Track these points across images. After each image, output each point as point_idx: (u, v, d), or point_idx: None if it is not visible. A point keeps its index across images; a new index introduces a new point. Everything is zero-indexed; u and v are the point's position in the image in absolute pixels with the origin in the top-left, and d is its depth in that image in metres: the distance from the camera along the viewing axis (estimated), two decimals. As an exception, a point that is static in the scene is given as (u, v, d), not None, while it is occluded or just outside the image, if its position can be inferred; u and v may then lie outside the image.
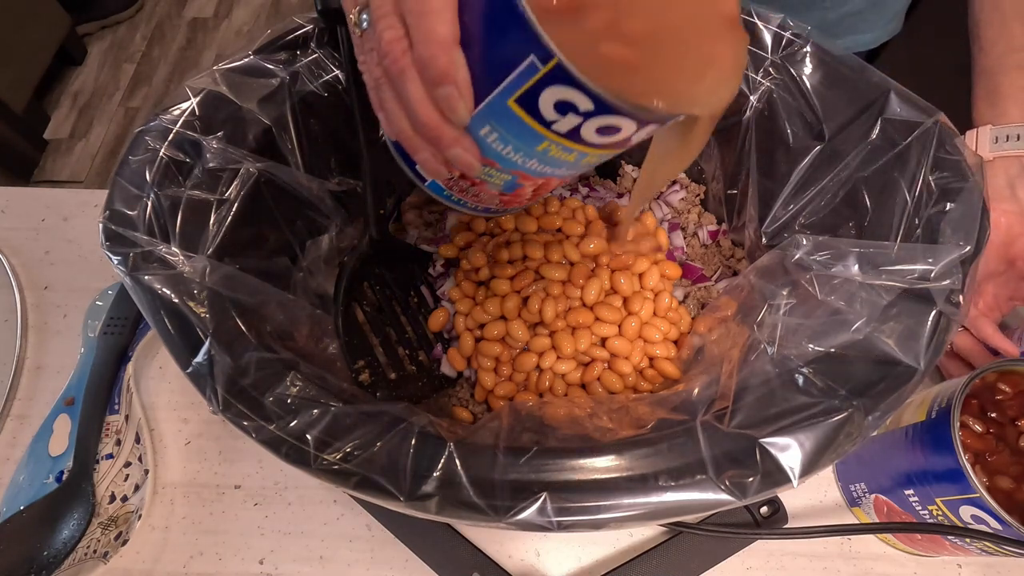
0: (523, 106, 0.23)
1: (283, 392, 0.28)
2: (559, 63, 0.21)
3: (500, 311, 0.40)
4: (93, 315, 0.49)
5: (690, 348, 0.39)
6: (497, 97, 0.23)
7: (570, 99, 0.22)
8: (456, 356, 0.41)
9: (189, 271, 0.30)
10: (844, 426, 0.26)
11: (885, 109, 0.34)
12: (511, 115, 0.24)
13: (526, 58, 0.22)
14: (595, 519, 0.25)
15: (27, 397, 0.48)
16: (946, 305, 0.28)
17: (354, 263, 0.40)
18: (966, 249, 0.29)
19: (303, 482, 0.45)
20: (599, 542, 0.43)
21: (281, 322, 0.33)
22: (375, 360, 0.40)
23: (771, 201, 0.39)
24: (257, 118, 0.36)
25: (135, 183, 0.32)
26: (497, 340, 0.40)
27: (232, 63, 0.36)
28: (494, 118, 0.24)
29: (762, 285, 0.34)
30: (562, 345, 0.38)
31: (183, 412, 0.47)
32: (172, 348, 0.29)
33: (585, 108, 0.22)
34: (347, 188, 0.42)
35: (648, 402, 0.31)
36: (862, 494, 0.41)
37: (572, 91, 0.22)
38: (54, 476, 0.43)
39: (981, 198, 0.31)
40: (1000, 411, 0.35)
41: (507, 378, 0.39)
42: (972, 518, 0.33)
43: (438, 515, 0.25)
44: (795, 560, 0.42)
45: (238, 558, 0.43)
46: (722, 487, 0.25)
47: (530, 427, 0.29)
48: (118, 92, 1.59)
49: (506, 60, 0.22)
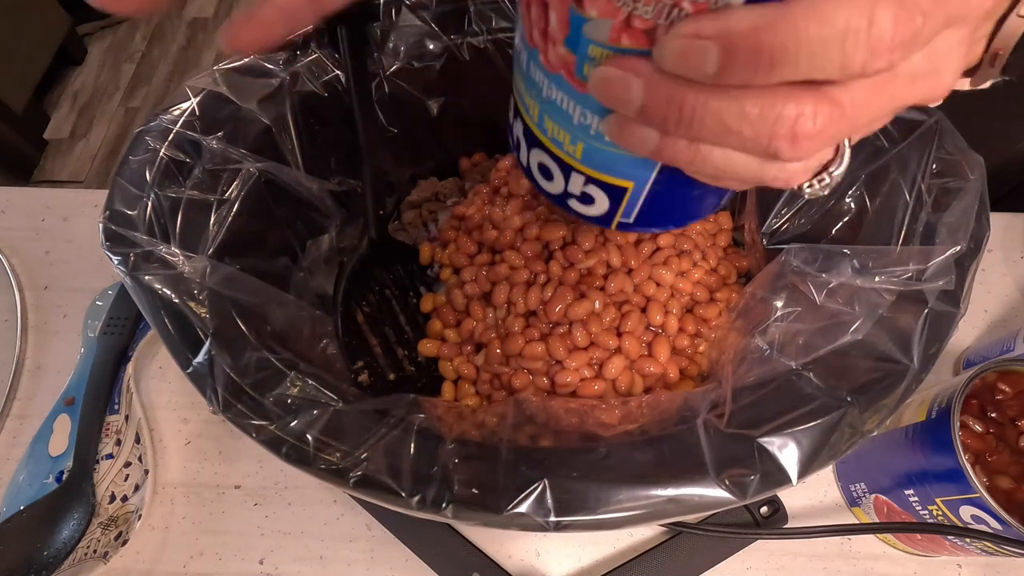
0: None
1: (283, 392, 0.28)
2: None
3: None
4: (93, 315, 0.49)
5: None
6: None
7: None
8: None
9: (189, 271, 0.30)
10: (842, 425, 0.26)
11: (885, 109, 0.34)
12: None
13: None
14: (595, 519, 0.25)
15: (27, 397, 0.48)
16: (938, 304, 0.28)
17: (353, 264, 0.40)
18: (957, 248, 0.29)
19: (303, 482, 0.45)
20: (599, 542, 0.43)
21: (281, 322, 0.33)
22: (374, 361, 0.40)
23: (771, 201, 0.39)
24: (257, 118, 0.36)
25: (135, 183, 0.32)
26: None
27: (232, 63, 0.36)
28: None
29: (762, 294, 0.34)
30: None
31: (183, 412, 0.47)
32: (172, 348, 0.29)
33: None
34: (347, 188, 0.42)
35: (649, 402, 0.31)
36: (862, 494, 0.41)
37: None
38: (54, 476, 0.43)
39: (979, 198, 0.31)
40: (1000, 411, 0.35)
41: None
42: (972, 518, 0.33)
43: (439, 514, 0.25)
44: (795, 560, 0.42)
45: (238, 558, 0.43)
46: (722, 487, 0.25)
47: (531, 423, 0.29)
48: (118, 92, 1.59)
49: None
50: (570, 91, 0.21)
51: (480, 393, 0.40)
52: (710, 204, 0.25)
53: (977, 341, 0.48)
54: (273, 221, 0.38)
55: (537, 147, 0.24)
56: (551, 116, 0.23)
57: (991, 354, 0.44)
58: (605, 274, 0.39)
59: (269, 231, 0.38)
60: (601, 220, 0.25)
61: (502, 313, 0.40)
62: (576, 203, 0.25)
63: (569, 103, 0.21)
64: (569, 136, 0.22)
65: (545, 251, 0.40)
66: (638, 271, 0.39)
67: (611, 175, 0.23)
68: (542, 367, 0.38)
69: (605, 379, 0.37)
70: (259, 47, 0.25)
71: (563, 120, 0.22)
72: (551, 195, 0.26)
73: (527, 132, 0.25)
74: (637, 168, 0.22)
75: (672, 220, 0.25)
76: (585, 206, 0.25)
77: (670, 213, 0.25)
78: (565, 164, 0.24)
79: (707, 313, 0.40)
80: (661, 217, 0.25)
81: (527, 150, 0.25)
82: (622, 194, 0.23)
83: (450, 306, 0.42)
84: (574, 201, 0.25)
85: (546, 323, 0.39)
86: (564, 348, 0.37)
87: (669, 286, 0.40)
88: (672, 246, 0.41)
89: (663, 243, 0.41)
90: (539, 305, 0.39)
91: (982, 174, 0.32)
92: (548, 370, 0.38)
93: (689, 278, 0.40)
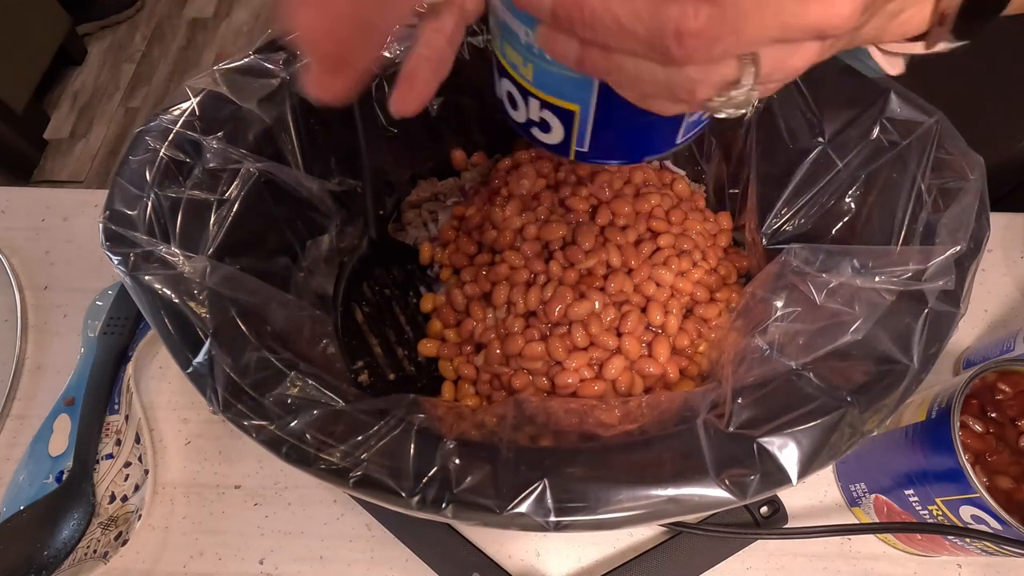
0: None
1: (283, 392, 0.28)
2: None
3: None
4: (93, 315, 0.49)
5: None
6: None
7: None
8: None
9: (189, 271, 0.30)
10: (842, 425, 0.26)
11: (885, 109, 0.34)
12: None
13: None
14: (595, 519, 0.25)
15: (27, 397, 0.48)
16: (938, 304, 0.28)
17: (353, 264, 0.40)
18: (957, 248, 0.29)
19: (303, 482, 0.45)
20: (599, 542, 0.43)
21: (281, 322, 0.33)
22: (374, 361, 0.40)
23: (771, 201, 0.39)
24: (257, 118, 0.36)
25: (135, 183, 0.32)
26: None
27: (232, 63, 0.36)
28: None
29: (762, 294, 0.34)
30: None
31: (183, 412, 0.47)
32: (172, 348, 0.29)
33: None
34: (347, 188, 0.42)
35: (649, 402, 0.31)
36: (862, 494, 0.41)
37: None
38: (54, 476, 0.43)
39: (979, 198, 0.31)
40: (1000, 411, 0.35)
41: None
42: (972, 518, 0.33)
43: (439, 514, 0.25)
44: (795, 560, 0.42)
45: (238, 558, 0.43)
46: (722, 487, 0.25)
47: (531, 423, 0.29)
48: (118, 92, 1.59)
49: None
50: (514, 9, 0.23)
51: (480, 393, 0.40)
52: (660, 139, 0.27)
53: (977, 341, 0.48)
54: (273, 221, 0.38)
55: (503, 76, 0.27)
56: (507, 40, 0.25)
57: (991, 354, 0.44)
58: (605, 274, 0.39)
59: (269, 231, 0.38)
60: (560, 148, 0.28)
61: (502, 313, 0.40)
62: (538, 131, 0.27)
63: (515, 23, 0.24)
64: (521, 58, 0.25)
65: (545, 251, 0.40)
66: (638, 271, 0.39)
67: (559, 98, 0.25)
68: (542, 367, 0.38)
69: (605, 379, 0.37)
70: (423, 104, 0.26)
71: (515, 42, 0.24)
72: (519, 124, 0.28)
73: (497, 64, 0.27)
74: (578, 90, 0.24)
75: (625, 152, 0.27)
76: (544, 134, 0.27)
77: (622, 143, 0.27)
78: (523, 88, 0.26)
79: (707, 313, 0.40)
80: (614, 147, 0.27)
81: (499, 80, 0.28)
82: (571, 118, 0.26)
83: (450, 306, 0.42)
84: (536, 129, 0.27)
85: (546, 323, 0.39)
86: (564, 348, 0.37)
87: (669, 286, 0.40)
88: (672, 246, 0.41)
89: (663, 243, 0.41)
90: (539, 305, 0.39)
91: (982, 174, 0.32)
92: (548, 371, 0.38)
93: (689, 278, 0.40)
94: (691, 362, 0.39)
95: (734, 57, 0.19)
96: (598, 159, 0.28)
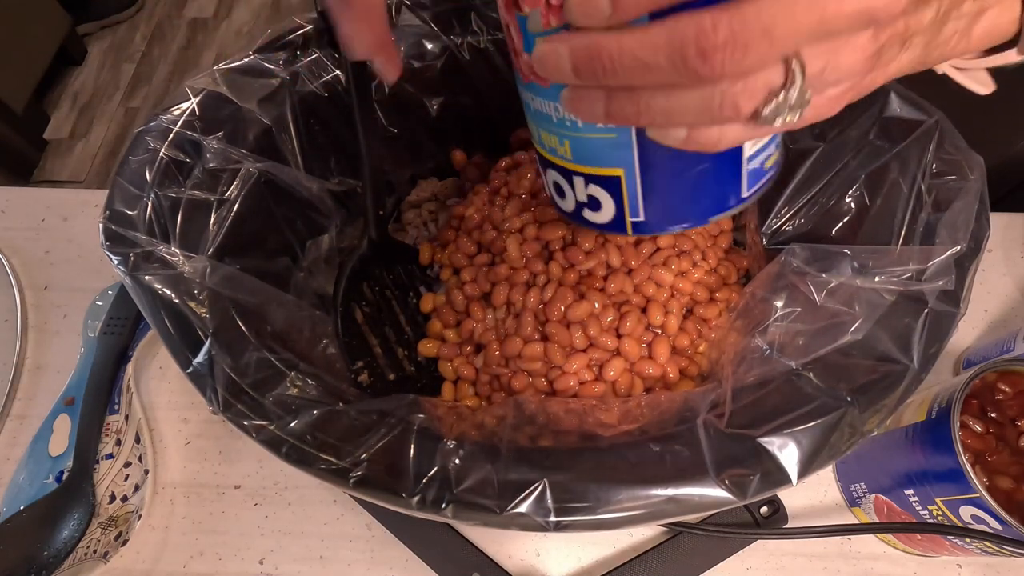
0: None
1: (283, 392, 0.28)
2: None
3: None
4: (93, 315, 0.49)
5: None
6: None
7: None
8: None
9: (189, 271, 0.30)
10: (842, 425, 0.26)
11: (885, 109, 0.34)
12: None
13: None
14: (595, 519, 0.25)
15: (27, 397, 0.48)
16: (938, 304, 0.28)
17: (353, 264, 0.40)
18: (957, 248, 0.29)
19: (303, 482, 0.45)
20: (599, 542, 0.43)
21: (281, 322, 0.33)
22: (374, 361, 0.40)
23: (771, 201, 0.39)
24: (257, 118, 0.36)
25: (135, 183, 0.32)
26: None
27: (232, 63, 0.36)
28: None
29: (762, 294, 0.34)
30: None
31: (183, 412, 0.47)
32: (172, 348, 0.29)
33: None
34: (347, 188, 0.42)
35: (649, 402, 0.31)
36: (862, 494, 0.41)
37: None
38: (54, 476, 0.43)
39: (979, 198, 0.31)
40: (1000, 411, 0.35)
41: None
42: (972, 518, 0.33)
43: (439, 514, 0.25)
44: (795, 560, 0.42)
45: (238, 558, 0.43)
46: (722, 487, 0.25)
47: (531, 424, 0.29)
48: (118, 92, 1.59)
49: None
50: (540, 91, 0.23)
51: (480, 394, 0.40)
52: (721, 190, 0.25)
53: (977, 341, 0.48)
54: (273, 221, 0.38)
55: (547, 166, 0.26)
56: (541, 126, 0.25)
57: (991, 354, 0.44)
58: (605, 275, 0.39)
59: (269, 231, 0.38)
60: (615, 225, 0.26)
61: (502, 314, 0.40)
62: (588, 212, 0.26)
63: (545, 104, 0.23)
64: (556, 137, 0.24)
65: (545, 252, 0.40)
66: (638, 271, 0.39)
67: (600, 166, 0.24)
68: (541, 368, 0.38)
69: (605, 381, 0.37)
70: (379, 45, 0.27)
71: (548, 124, 0.24)
72: (569, 213, 0.27)
73: (540, 157, 0.27)
74: (617, 150, 0.23)
75: (685, 213, 0.26)
76: (595, 212, 0.26)
77: (678, 203, 0.25)
78: (565, 170, 0.25)
79: (707, 313, 0.40)
80: (671, 209, 0.25)
81: (544, 174, 0.27)
82: (617, 185, 0.24)
83: (450, 306, 0.42)
84: (587, 210, 0.26)
85: (544, 321, 0.39)
86: (563, 350, 0.37)
87: (669, 286, 0.40)
88: (672, 246, 0.41)
89: (663, 243, 0.41)
90: (539, 306, 0.39)
91: (982, 174, 0.32)
92: (547, 372, 0.38)
93: (689, 278, 0.40)
94: (691, 362, 0.39)
95: (776, 62, 0.18)
96: (658, 227, 0.26)
